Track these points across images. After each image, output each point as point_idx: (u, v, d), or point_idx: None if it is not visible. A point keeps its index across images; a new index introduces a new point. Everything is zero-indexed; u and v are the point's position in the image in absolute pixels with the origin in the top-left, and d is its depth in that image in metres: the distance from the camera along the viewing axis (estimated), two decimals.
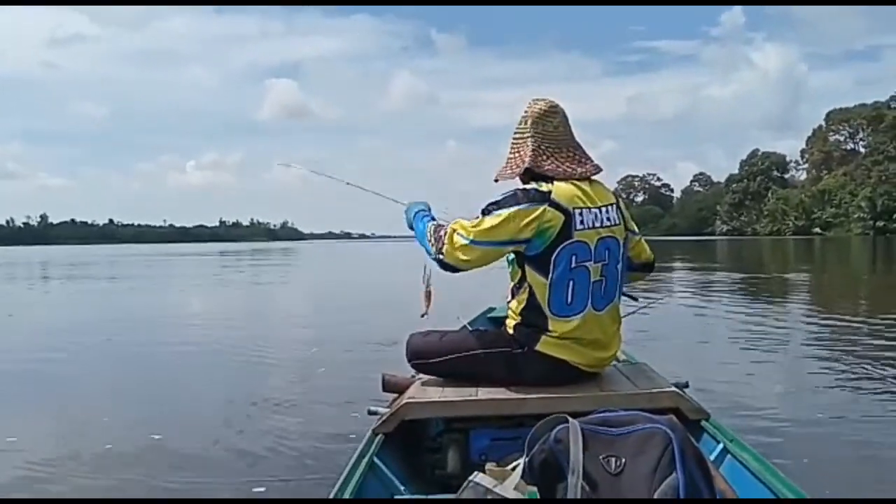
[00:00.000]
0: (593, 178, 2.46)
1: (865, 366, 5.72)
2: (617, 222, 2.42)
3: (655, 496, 1.28)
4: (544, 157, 2.39)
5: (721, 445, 2.10)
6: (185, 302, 14.56)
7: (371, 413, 2.49)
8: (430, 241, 2.45)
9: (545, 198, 2.29)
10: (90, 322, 10.75)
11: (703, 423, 2.24)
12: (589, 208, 2.33)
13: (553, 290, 2.30)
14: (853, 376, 5.32)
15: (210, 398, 5.17)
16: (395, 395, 2.53)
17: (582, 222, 2.30)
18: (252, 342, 7.60)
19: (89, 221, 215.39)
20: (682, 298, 12.31)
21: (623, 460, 1.35)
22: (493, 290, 2.63)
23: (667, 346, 6.31)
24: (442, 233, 2.41)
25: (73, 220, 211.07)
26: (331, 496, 1.73)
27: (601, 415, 1.46)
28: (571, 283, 2.30)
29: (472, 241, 2.33)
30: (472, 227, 2.33)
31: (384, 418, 2.33)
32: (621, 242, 2.43)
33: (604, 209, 2.38)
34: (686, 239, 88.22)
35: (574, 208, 2.30)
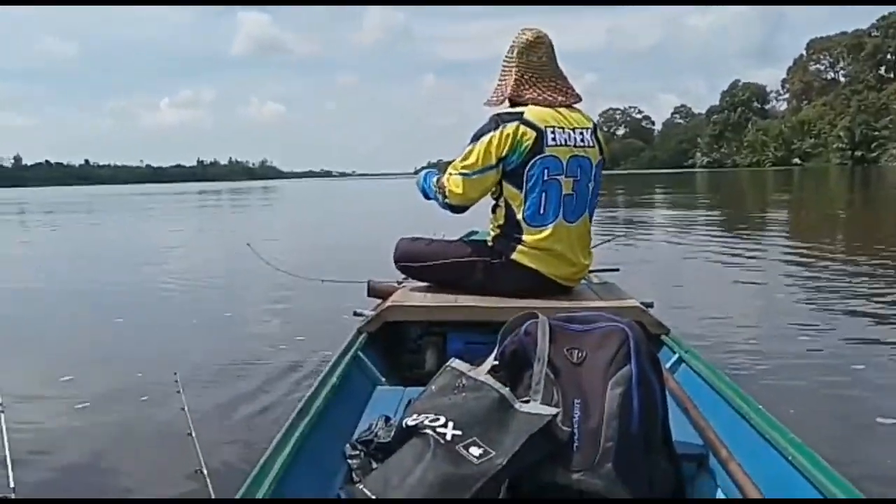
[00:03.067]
0: (574, 105, 2.62)
1: (830, 294, 5.92)
2: (591, 145, 2.57)
3: (609, 383, 1.42)
4: (527, 87, 2.56)
5: (677, 356, 2.26)
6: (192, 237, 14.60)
7: (356, 314, 2.71)
8: (437, 193, 2.65)
9: (519, 117, 2.46)
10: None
11: (664, 337, 2.40)
12: (562, 128, 2.49)
13: (527, 200, 2.48)
14: (820, 304, 5.49)
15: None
16: (380, 301, 2.70)
17: (554, 139, 2.47)
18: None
19: (64, 162, 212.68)
20: (659, 230, 12.50)
21: (584, 352, 1.48)
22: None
23: (639, 273, 6.50)
24: (443, 180, 2.62)
25: (47, 162, 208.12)
26: (318, 382, 1.87)
27: (568, 314, 1.59)
28: (544, 194, 2.47)
29: (465, 175, 2.53)
30: (461, 163, 2.54)
31: (369, 319, 2.50)
32: (594, 163, 2.58)
33: (578, 131, 2.53)
34: (666, 172, 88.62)
35: (546, 126, 2.46)
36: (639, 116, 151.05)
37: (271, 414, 3.01)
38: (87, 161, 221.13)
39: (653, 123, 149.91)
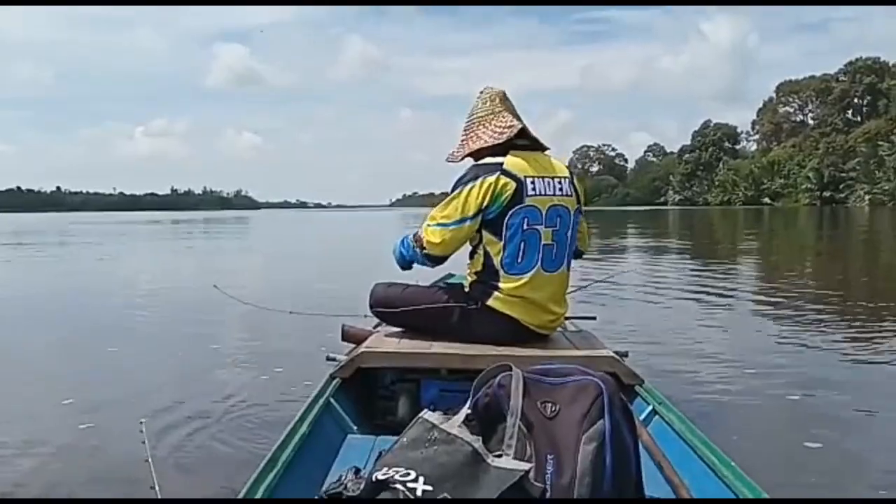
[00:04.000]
0: (547, 153, 2.65)
1: (803, 331, 6.03)
2: (569, 194, 2.59)
3: (583, 438, 1.41)
4: (481, 133, 2.60)
5: (651, 407, 2.26)
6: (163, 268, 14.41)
7: (329, 359, 2.67)
8: (414, 248, 2.62)
9: (499, 167, 2.46)
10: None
11: (637, 387, 2.40)
12: (542, 178, 2.51)
13: (505, 249, 2.48)
14: (794, 342, 5.57)
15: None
16: (354, 346, 2.68)
17: (534, 189, 2.48)
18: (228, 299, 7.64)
19: (36, 189, 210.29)
20: (633, 271, 12.56)
21: (558, 406, 1.47)
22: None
23: (614, 320, 6.50)
24: (420, 233, 2.60)
25: (18, 188, 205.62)
26: (288, 430, 1.84)
27: (542, 366, 1.58)
28: (523, 244, 2.48)
29: (443, 226, 2.51)
30: (440, 213, 2.53)
31: (342, 364, 2.47)
32: (572, 212, 2.60)
33: (556, 180, 2.55)
34: (639, 209, 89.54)
35: (525, 176, 2.47)
36: (612, 154, 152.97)
37: (239, 460, 2.91)
38: (58, 188, 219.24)
39: (626, 161, 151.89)
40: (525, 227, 2.47)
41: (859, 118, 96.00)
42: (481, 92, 2.67)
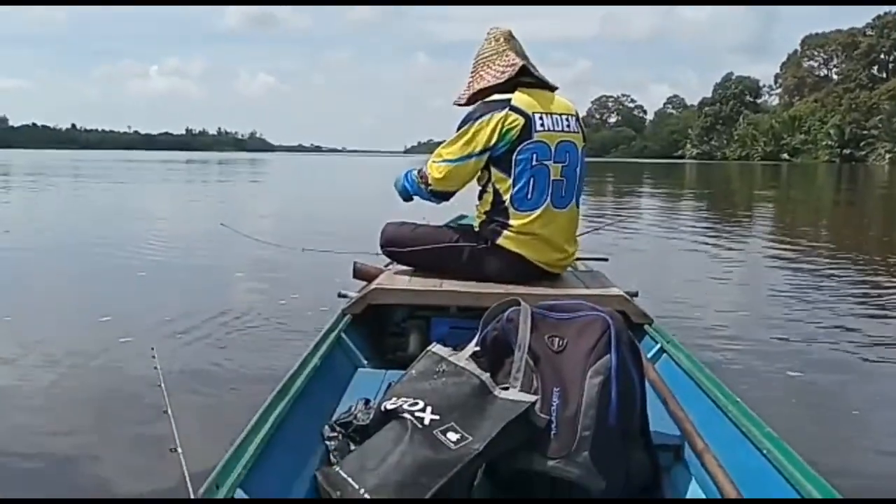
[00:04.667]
0: (555, 92, 2.63)
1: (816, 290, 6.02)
2: (576, 131, 2.59)
3: (589, 372, 1.43)
4: (484, 74, 2.59)
5: (659, 345, 2.27)
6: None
7: (341, 296, 2.70)
8: (419, 184, 2.62)
9: (506, 104, 2.45)
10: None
11: (647, 326, 2.41)
12: (550, 114, 2.50)
13: (515, 185, 2.47)
14: (804, 301, 5.56)
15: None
16: (365, 283, 2.68)
17: (542, 125, 2.47)
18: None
19: (52, 125, 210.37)
20: (646, 219, 12.54)
21: (566, 340, 1.49)
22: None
23: (626, 262, 6.53)
24: (425, 170, 2.59)
25: (34, 124, 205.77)
26: (300, 362, 1.86)
27: (551, 302, 1.60)
28: (532, 179, 2.47)
29: (449, 162, 2.51)
30: (445, 150, 2.53)
31: (353, 300, 2.49)
32: (580, 149, 2.59)
33: (563, 117, 2.55)
34: (655, 161, 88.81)
35: (534, 112, 2.47)
36: (631, 105, 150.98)
37: (249, 391, 2.98)
38: (73, 125, 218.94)
39: (645, 113, 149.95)
40: (534, 162, 2.46)
41: (885, 74, 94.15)
42: (488, 32, 2.66)
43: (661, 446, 1.58)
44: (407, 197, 2.73)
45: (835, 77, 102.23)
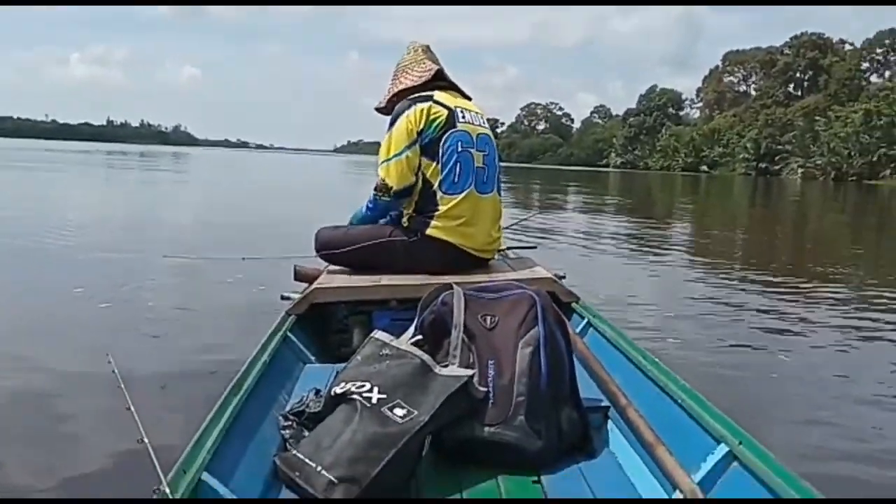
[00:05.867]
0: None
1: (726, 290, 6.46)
2: (490, 129, 2.88)
3: (520, 344, 1.59)
4: (403, 79, 2.84)
5: (586, 320, 2.47)
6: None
7: (284, 298, 2.76)
8: (378, 198, 2.75)
9: (429, 98, 2.69)
10: None
11: (574, 304, 2.60)
12: (468, 110, 2.76)
13: (443, 171, 2.66)
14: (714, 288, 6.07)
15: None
16: (307, 284, 2.77)
17: (464, 117, 2.72)
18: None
19: None
20: (570, 218, 12.93)
21: (497, 318, 1.65)
22: None
23: (552, 249, 6.92)
24: (377, 181, 2.74)
25: None
26: (249, 360, 1.92)
27: (482, 284, 1.77)
28: (458, 165, 2.67)
29: (396, 157, 2.66)
30: (385, 149, 2.70)
31: (296, 301, 2.57)
32: (495, 144, 2.86)
33: (479, 115, 2.82)
34: (581, 169, 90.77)
35: (455, 106, 2.71)
36: (559, 113, 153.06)
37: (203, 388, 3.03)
38: None
39: (572, 121, 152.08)
40: (460, 148, 2.66)
41: (800, 92, 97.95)
42: (408, 46, 2.93)
43: (590, 409, 1.74)
44: (374, 218, 2.84)
45: (753, 93, 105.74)
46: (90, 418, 2.85)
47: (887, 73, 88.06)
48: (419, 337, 1.68)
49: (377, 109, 2.92)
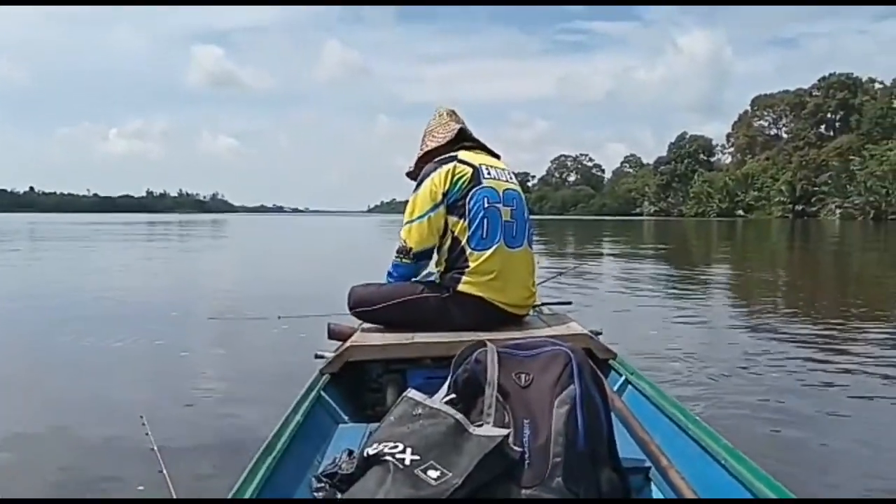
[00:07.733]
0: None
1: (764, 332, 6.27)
2: (517, 183, 2.87)
3: (555, 403, 1.54)
4: (429, 141, 2.92)
5: (623, 378, 2.41)
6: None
7: (318, 357, 2.74)
8: (400, 261, 2.79)
9: (454, 158, 2.73)
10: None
11: (611, 361, 2.54)
12: (493, 167, 2.78)
13: (471, 227, 2.66)
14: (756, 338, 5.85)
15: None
16: (340, 342, 2.75)
17: (489, 174, 2.73)
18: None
19: (8, 189, 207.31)
20: (607, 270, 12.80)
21: (532, 375, 1.60)
22: None
23: (588, 306, 6.79)
24: (399, 244, 2.77)
25: None
26: (283, 420, 1.91)
27: (515, 342, 1.72)
28: (486, 221, 2.67)
29: (419, 219, 2.69)
30: (410, 212, 2.73)
31: (330, 360, 2.55)
32: (523, 198, 2.85)
33: (505, 171, 2.83)
34: (615, 218, 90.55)
35: (480, 164, 2.73)
36: (589, 164, 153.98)
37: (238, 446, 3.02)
38: (31, 188, 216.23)
39: (603, 171, 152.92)
40: (486, 205, 2.67)
41: (832, 133, 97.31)
42: (435, 111, 3.02)
43: (630, 469, 1.68)
44: (399, 278, 2.84)
45: (784, 136, 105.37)
46: (122, 482, 2.85)
47: None
48: (452, 396, 1.64)
49: (407, 174, 2.96)
